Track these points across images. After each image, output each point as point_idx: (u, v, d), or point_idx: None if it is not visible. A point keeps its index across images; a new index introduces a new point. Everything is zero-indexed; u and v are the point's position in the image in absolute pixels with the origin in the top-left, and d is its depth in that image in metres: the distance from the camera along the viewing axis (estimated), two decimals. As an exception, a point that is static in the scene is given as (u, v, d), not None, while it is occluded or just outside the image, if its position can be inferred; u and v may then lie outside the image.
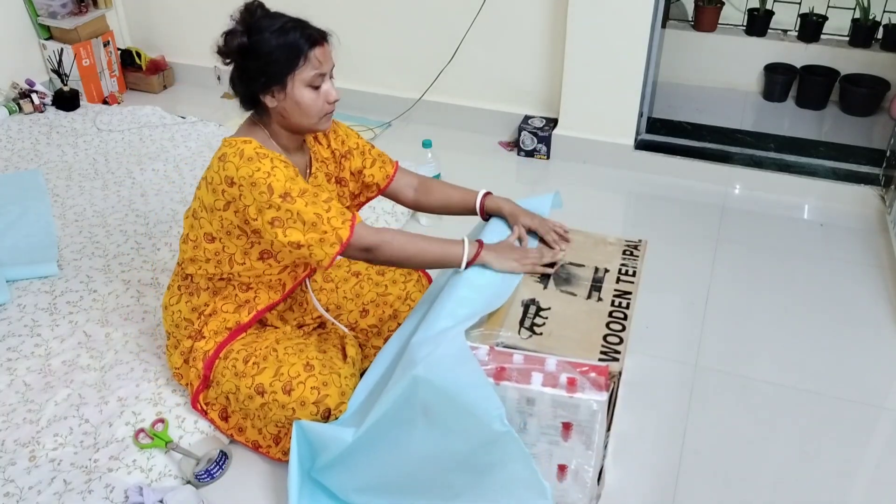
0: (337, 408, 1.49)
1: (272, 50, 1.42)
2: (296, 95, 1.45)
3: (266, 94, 1.46)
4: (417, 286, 1.83)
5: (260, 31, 1.42)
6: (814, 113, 3.15)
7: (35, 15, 3.28)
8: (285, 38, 1.42)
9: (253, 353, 1.56)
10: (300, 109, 1.46)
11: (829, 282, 2.17)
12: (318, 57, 1.45)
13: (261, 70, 1.43)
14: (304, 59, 1.43)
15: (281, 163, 1.43)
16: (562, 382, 1.27)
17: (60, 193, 2.61)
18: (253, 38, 1.42)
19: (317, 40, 1.45)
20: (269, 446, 1.59)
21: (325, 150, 1.67)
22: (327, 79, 1.48)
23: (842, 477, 1.59)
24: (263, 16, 1.45)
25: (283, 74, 1.43)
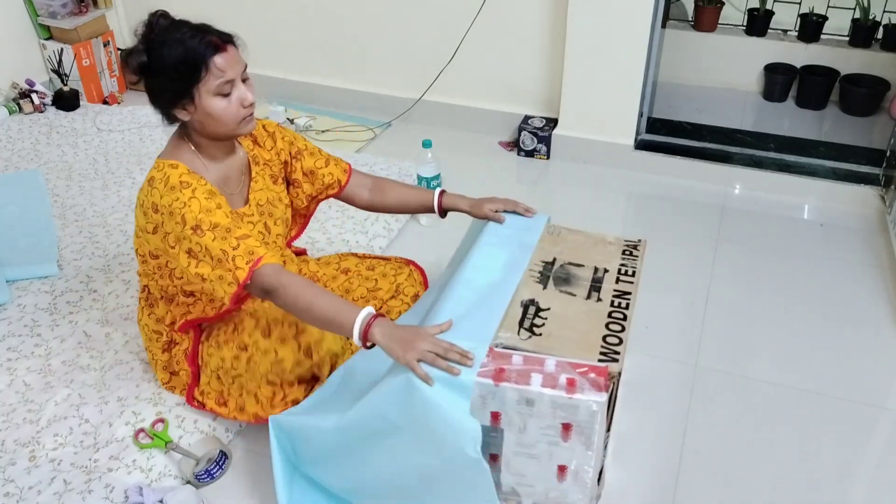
0: (317, 343, 1.48)
1: (172, 65, 1.38)
2: (206, 107, 1.41)
3: (177, 108, 1.43)
4: (410, 280, 1.83)
5: (159, 45, 1.38)
6: (814, 113, 3.15)
7: (35, 15, 3.28)
8: (183, 50, 1.37)
9: (231, 320, 1.59)
10: (214, 119, 1.43)
11: (829, 282, 2.17)
12: (219, 65, 1.39)
13: (165, 86, 1.41)
14: (206, 70, 1.38)
15: (203, 192, 1.40)
16: (561, 383, 1.27)
17: (60, 193, 2.61)
18: (152, 56, 1.39)
19: (218, 47, 1.40)
20: (270, 411, 1.56)
21: (266, 153, 1.64)
22: (237, 83, 1.43)
23: (842, 477, 1.59)
24: (164, 28, 1.41)
25: (188, 88, 1.39)
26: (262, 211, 1.61)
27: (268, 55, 3.33)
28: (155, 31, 1.40)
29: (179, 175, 1.42)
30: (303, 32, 3.22)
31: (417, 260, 1.96)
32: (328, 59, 3.25)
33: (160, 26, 1.41)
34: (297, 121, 3.10)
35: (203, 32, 1.40)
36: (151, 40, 1.40)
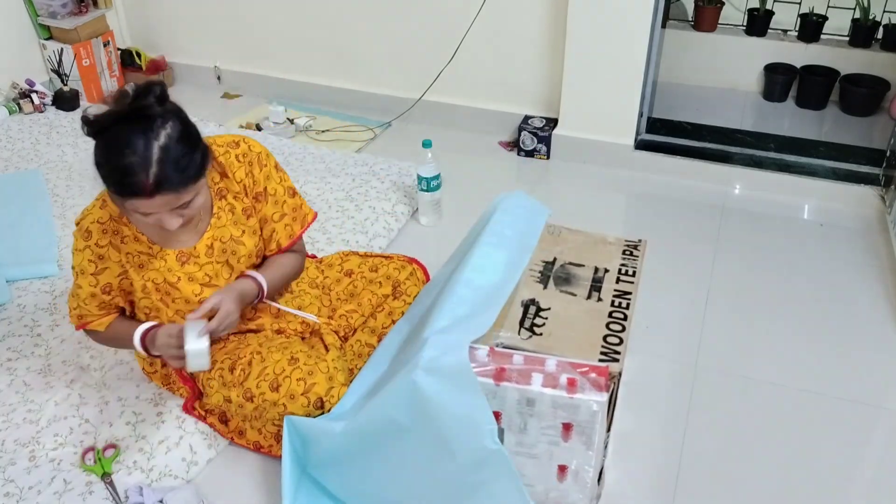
0: (327, 394, 1.47)
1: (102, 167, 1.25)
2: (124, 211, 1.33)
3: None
4: (412, 279, 1.83)
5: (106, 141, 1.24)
6: (814, 113, 3.15)
7: (35, 15, 3.28)
8: (110, 171, 1.23)
9: (238, 360, 1.55)
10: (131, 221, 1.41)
11: (829, 282, 2.17)
12: (134, 206, 1.26)
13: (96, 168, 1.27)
14: (121, 199, 1.26)
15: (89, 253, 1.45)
16: (562, 383, 1.27)
17: (60, 193, 2.61)
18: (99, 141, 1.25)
19: (143, 193, 1.23)
20: (272, 445, 1.59)
21: (235, 185, 1.53)
22: (162, 214, 1.29)
23: (842, 477, 1.59)
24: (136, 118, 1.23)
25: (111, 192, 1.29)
26: (222, 249, 1.52)
27: (268, 55, 3.34)
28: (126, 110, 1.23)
29: (90, 222, 1.44)
30: (303, 32, 3.22)
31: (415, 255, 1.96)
32: (328, 59, 3.25)
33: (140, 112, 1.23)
34: (297, 121, 3.10)
35: (145, 168, 1.21)
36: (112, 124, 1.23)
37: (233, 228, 1.53)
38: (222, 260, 1.53)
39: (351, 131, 3.09)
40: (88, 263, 1.46)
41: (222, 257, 1.53)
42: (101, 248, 1.45)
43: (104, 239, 1.45)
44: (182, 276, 1.49)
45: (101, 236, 1.44)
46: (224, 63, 3.48)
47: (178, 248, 1.49)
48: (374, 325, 1.76)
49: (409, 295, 1.80)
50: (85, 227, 1.45)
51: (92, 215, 1.45)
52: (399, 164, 2.77)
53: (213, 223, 1.51)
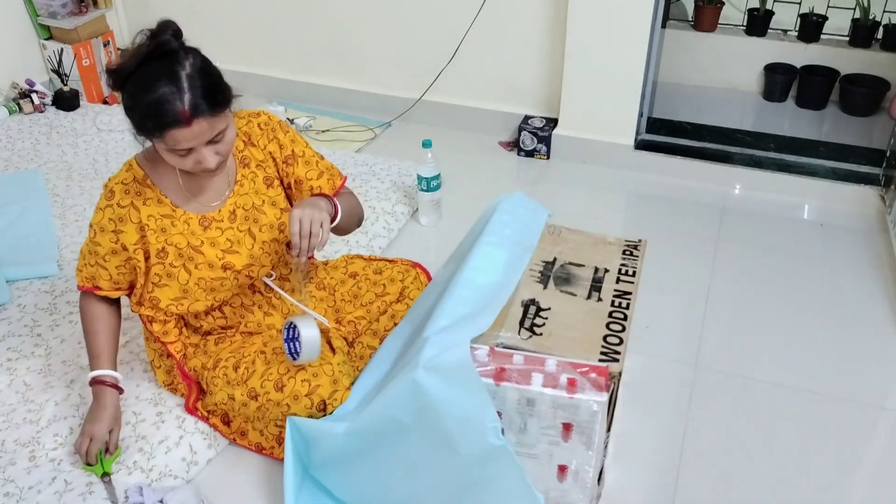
0: (331, 397, 1.47)
1: (131, 109, 1.30)
2: (161, 153, 1.35)
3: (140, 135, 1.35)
4: (416, 283, 1.83)
5: (137, 82, 1.28)
6: (814, 113, 3.15)
7: (35, 15, 3.28)
8: (147, 107, 1.26)
9: (242, 358, 1.56)
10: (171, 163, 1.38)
11: (829, 282, 2.17)
12: (174, 138, 1.28)
13: (129, 115, 1.32)
14: (160, 136, 1.28)
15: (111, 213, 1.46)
16: (562, 383, 1.27)
17: (60, 193, 2.61)
18: (128, 85, 1.29)
19: (181, 122, 1.26)
20: (273, 447, 1.59)
21: (259, 153, 1.57)
22: (198, 148, 1.32)
23: (842, 477, 1.59)
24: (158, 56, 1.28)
25: (144, 134, 1.32)
26: (244, 216, 1.55)
27: (268, 55, 3.34)
28: (148, 52, 1.28)
29: (115, 183, 1.47)
30: (303, 32, 3.22)
31: (417, 260, 1.96)
32: (328, 59, 3.25)
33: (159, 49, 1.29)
34: (297, 121, 3.10)
35: (179, 95, 1.26)
36: (137, 68, 1.28)
37: (254, 197, 1.57)
38: (244, 228, 1.55)
39: (351, 131, 3.09)
40: (108, 222, 1.47)
41: (244, 225, 1.55)
42: (122, 209, 1.46)
43: (126, 199, 1.46)
44: (205, 241, 1.51)
45: (123, 196, 1.46)
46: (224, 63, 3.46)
47: (201, 212, 1.51)
48: (376, 328, 1.76)
49: (411, 299, 1.80)
50: (110, 187, 1.47)
51: (117, 177, 1.48)
52: (399, 164, 2.77)
53: (235, 190, 1.55)
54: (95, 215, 1.49)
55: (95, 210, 1.49)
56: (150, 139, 1.34)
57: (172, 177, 1.49)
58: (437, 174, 2.38)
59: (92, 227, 1.50)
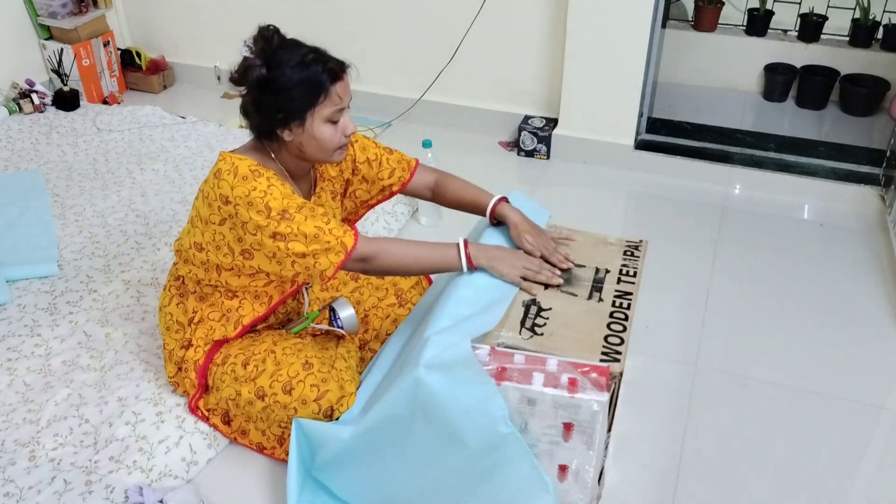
0: (339, 402, 1.47)
1: (293, 86, 1.38)
2: (314, 131, 1.42)
3: (283, 128, 1.42)
4: (417, 288, 1.83)
5: (279, 64, 1.38)
6: (814, 113, 3.15)
7: (35, 15, 3.28)
8: (307, 74, 1.38)
9: (251, 356, 1.55)
10: (317, 144, 1.44)
11: (829, 282, 2.17)
12: (338, 92, 1.41)
13: (279, 105, 1.39)
14: (325, 96, 1.40)
15: (277, 181, 1.42)
16: (563, 383, 1.27)
17: (60, 193, 2.61)
18: (273, 73, 1.38)
19: (337, 74, 1.41)
20: (274, 447, 1.59)
21: (333, 169, 1.65)
22: (346, 111, 1.46)
23: (842, 477, 1.59)
24: (281, 45, 1.41)
25: (304, 111, 1.40)
26: None
27: (268, 55, 3.33)
28: (272, 46, 1.40)
29: (249, 165, 1.41)
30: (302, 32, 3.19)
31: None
32: (328, 59, 3.24)
33: (276, 43, 1.41)
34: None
35: (323, 57, 1.41)
36: (270, 56, 1.39)
37: (328, 208, 1.63)
38: None
39: (351, 131, 3.09)
40: (283, 186, 1.42)
41: None
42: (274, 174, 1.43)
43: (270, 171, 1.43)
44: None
45: (263, 168, 1.43)
46: (224, 63, 3.48)
47: None
48: (380, 333, 1.77)
49: (413, 303, 1.81)
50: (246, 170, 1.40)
51: (243, 164, 1.42)
52: (399, 164, 2.77)
53: (314, 200, 1.61)
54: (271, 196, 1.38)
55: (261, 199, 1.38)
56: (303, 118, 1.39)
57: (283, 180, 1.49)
58: (438, 174, 2.38)
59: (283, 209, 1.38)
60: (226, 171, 1.41)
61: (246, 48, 1.41)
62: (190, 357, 1.61)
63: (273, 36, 1.42)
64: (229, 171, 1.41)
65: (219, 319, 1.59)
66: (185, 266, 1.59)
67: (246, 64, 1.40)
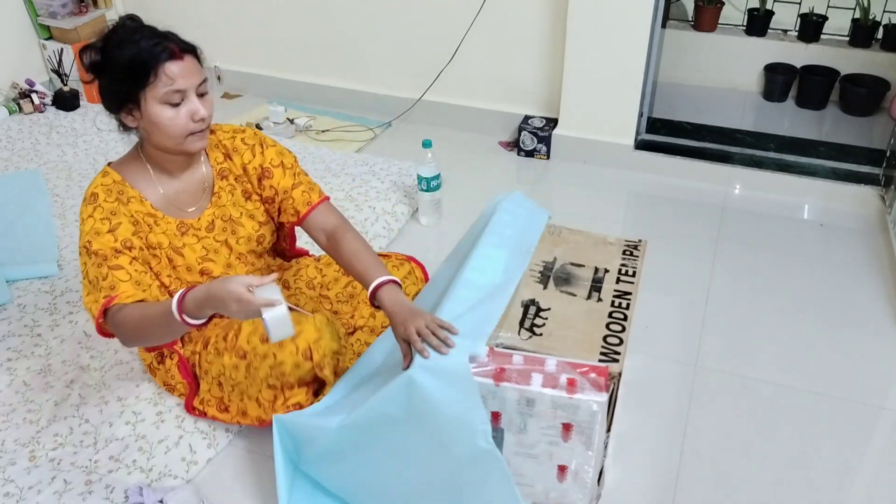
0: (316, 342, 1.45)
1: (121, 65, 1.34)
2: (151, 114, 1.37)
3: (123, 113, 1.40)
4: (411, 277, 1.82)
5: (115, 45, 1.35)
6: (814, 113, 3.15)
7: (35, 15, 3.28)
8: (135, 51, 1.34)
9: (230, 328, 1.55)
10: (159, 129, 1.38)
11: (829, 282, 2.17)
12: (169, 72, 1.34)
13: (113, 87, 1.37)
14: (154, 75, 1.34)
15: (101, 213, 1.42)
16: (562, 383, 1.27)
17: (60, 193, 2.62)
18: (105, 55, 1.36)
19: (173, 54, 1.35)
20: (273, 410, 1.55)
21: (237, 168, 1.60)
22: (190, 96, 1.38)
23: (842, 477, 1.59)
24: (127, 29, 1.38)
25: (134, 91, 1.35)
26: (222, 227, 1.58)
27: (268, 55, 3.34)
28: (118, 32, 1.38)
29: (95, 187, 1.45)
30: (303, 32, 3.22)
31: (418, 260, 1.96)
32: (328, 59, 3.25)
33: (125, 28, 1.38)
34: (297, 121, 3.10)
35: (162, 38, 1.37)
36: (109, 39, 1.37)
37: (232, 209, 1.59)
38: (222, 238, 1.58)
39: (351, 131, 3.09)
40: (101, 222, 1.42)
41: (222, 235, 1.58)
42: (111, 204, 1.44)
43: (111, 197, 1.45)
44: (186, 244, 1.53)
45: (107, 195, 1.45)
46: (224, 63, 3.48)
47: (179, 217, 1.53)
48: (373, 325, 1.76)
49: (407, 294, 1.80)
50: (90, 192, 1.46)
51: (95, 182, 1.47)
52: (399, 164, 2.77)
53: (213, 201, 1.57)
54: (83, 227, 1.43)
55: (81, 225, 1.43)
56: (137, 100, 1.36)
57: (149, 181, 1.50)
58: (437, 174, 2.38)
59: (84, 246, 1.42)
60: (90, 185, 1.47)
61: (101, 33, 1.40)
62: (171, 365, 1.64)
63: (125, 22, 1.39)
64: (91, 184, 1.48)
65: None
66: None
67: (82, 49, 1.39)
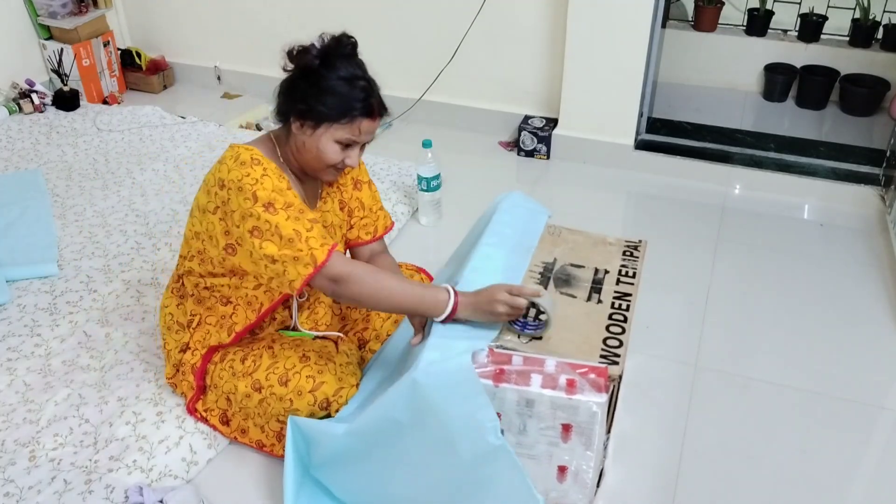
0: (335, 394, 1.47)
1: (330, 92, 1.38)
2: (320, 142, 1.41)
3: (298, 119, 1.42)
4: None
5: (333, 66, 1.39)
6: (814, 113, 3.15)
7: (35, 15, 3.28)
8: (348, 92, 1.38)
9: (250, 352, 1.56)
10: (315, 154, 1.42)
11: (829, 282, 2.17)
12: (362, 127, 1.41)
13: (308, 98, 1.39)
14: (350, 121, 1.39)
15: (274, 172, 1.39)
16: (561, 384, 1.27)
17: (60, 193, 2.61)
18: (323, 68, 1.39)
19: (372, 112, 1.41)
20: (273, 444, 1.58)
21: (343, 176, 1.64)
22: (357, 147, 1.45)
23: (842, 477, 1.59)
24: (346, 55, 1.41)
25: (324, 119, 1.39)
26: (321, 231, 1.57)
27: (268, 55, 3.33)
28: (339, 50, 1.40)
29: (252, 154, 1.40)
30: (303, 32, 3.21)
31: (417, 260, 1.96)
32: (328, 59, 3.24)
33: (343, 51, 1.40)
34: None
35: (373, 90, 1.42)
36: (329, 54, 1.39)
37: (332, 216, 1.61)
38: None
39: (351, 131, 3.08)
40: (280, 179, 1.39)
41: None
42: (276, 167, 1.40)
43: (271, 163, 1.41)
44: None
45: (266, 160, 1.40)
46: (224, 63, 3.48)
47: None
48: (381, 334, 1.76)
49: None
50: (248, 156, 1.38)
51: (247, 152, 1.39)
52: (399, 164, 2.77)
53: (319, 206, 1.59)
54: (261, 186, 1.35)
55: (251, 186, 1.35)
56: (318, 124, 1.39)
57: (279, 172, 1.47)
58: (437, 174, 2.38)
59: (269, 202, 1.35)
60: (228, 158, 1.41)
61: (319, 38, 1.41)
62: (187, 360, 1.61)
63: (348, 45, 1.42)
64: (232, 157, 1.40)
65: (215, 324, 1.59)
66: (183, 263, 1.59)
67: (305, 48, 1.41)
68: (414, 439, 1.29)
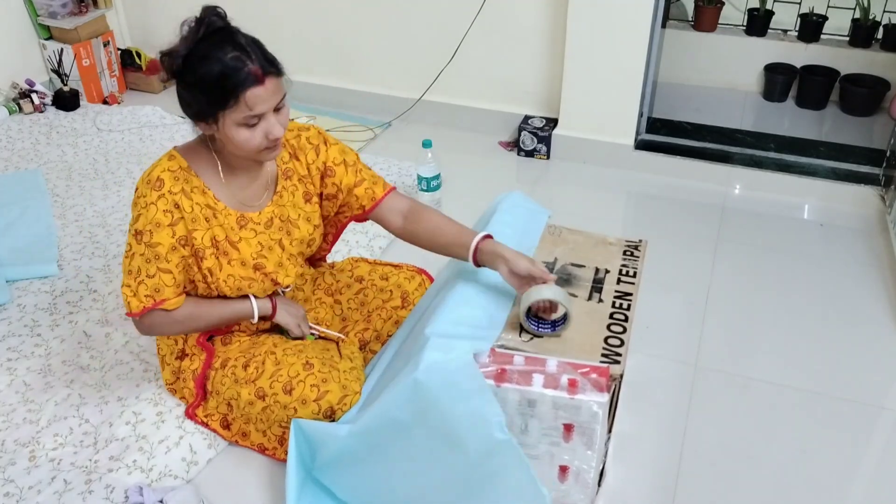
0: (340, 402, 1.47)
1: (203, 86, 1.31)
2: (228, 133, 1.35)
3: (198, 122, 1.39)
4: (420, 290, 1.83)
5: (198, 58, 1.31)
6: (814, 113, 3.15)
7: (35, 15, 3.28)
8: (219, 73, 1.29)
9: (252, 358, 1.56)
10: (233, 145, 1.38)
11: (829, 282, 2.17)
12: (252, 99, 1.31)
13: (192, 99, 1.35)
14: (235, 101, 1.31)
15: (165, 203, 1.40)
16: (563, 384, 1.27)
17: (60, 193, 2.61)
18: (187, 65, 1.32)
19: (256, 79, 1.31)
20: (275, 448, 1.58)
21: (302, 167, 1.58)
22: (267, 116, 1.36)
23: (842, 477, 1.59)
24: (211, 34, 1.32)
25: (213, 112, 1.34)
26: (279, 227, 1.56)
27: (268, 55, 3.33)
28: (201, 33, 1.32)
29: (161, 171, 1.42)
30: (303, 32, 3.22)
31: (418, 261, 1.96)
32: (328, 59, 3.25)
33: (209, 28, 1.33)
34: (298, 120, 3.09)
35: (247, 57, 1.31)
36: (193, 46, 1.31)
37: (291, 210, 1.58)
38: (276, 238, 1.56)
39: (351, 131, 3.09)
40: (164, 214, 1.40)
41: (277, 234, 1.56)
42: (175, 196, 1.42)
43: (177, 186, 1.43)
44: (242, 238, 1.51)
45: (174, 183, 1.42)
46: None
47: (239, 210, 1.51)
48: (381, 334, 1.76)
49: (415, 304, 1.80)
50: (156, 176, 1.41)
51: (161, 165, 1.43)
52: (399, 164, 2.78)
53: (275, 199, 1.56)
54: (145, 214, 1.40)
55: (141, 209, 1.40)
56: (214, 117, 1.34)
57: (215, 172, 1.48)
58: (437, 174, 2.38)
59: (141, 231, 1.41)
60: (152, 165, 1.45)
61: (180, 27, 1.34)
62: (186, 367, 1.62)
63: (210, 21, 1.33)
64: (150, 168, 1.44)
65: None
66: None
67: (168, 52, 1.34)
68: (418, 438, 1.29)
